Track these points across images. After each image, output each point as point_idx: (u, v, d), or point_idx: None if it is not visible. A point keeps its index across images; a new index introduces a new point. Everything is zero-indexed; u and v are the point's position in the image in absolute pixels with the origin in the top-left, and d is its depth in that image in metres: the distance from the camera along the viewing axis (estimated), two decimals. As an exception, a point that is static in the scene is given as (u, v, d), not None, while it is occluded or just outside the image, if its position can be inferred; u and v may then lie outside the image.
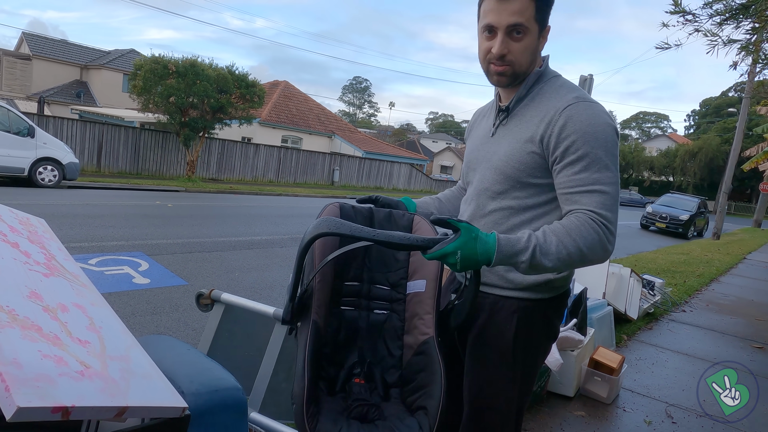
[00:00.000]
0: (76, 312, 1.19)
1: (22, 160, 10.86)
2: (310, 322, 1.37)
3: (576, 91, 1.30)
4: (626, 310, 4.45)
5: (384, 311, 1.57)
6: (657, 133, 66.09)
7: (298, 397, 1.24)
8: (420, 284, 1.52)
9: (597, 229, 1.18)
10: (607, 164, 1.21)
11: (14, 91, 26.61)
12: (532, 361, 1.45)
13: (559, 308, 1.46)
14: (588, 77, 6.08)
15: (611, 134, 1.23)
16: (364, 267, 1.60)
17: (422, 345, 1.43)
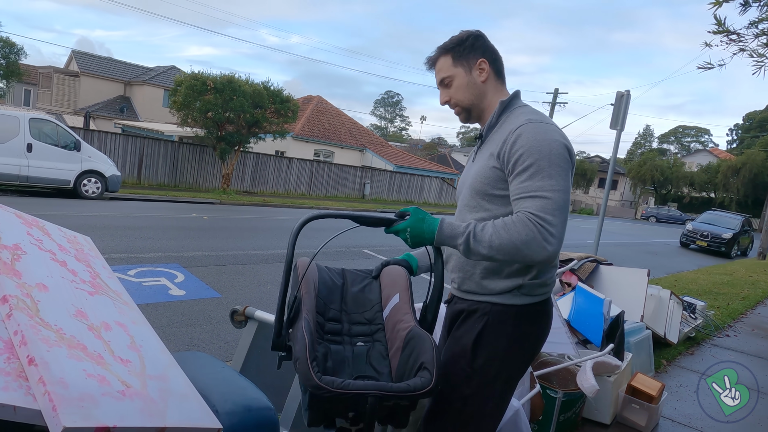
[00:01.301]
0: (118, 330, 1.23)
1: (68, 173, 11.35)
2: (302, 318, 1.47)
3: (532, 115, 1.47)
4: (666, 334, 4.29)
5: (366, 343, 1.73)
6: (697, 147, 63.97)
7: (301, 353, 1.31)
8: (395, 300, 1.75)
9: (532, 228, 1.31)
10: (551, 174, 1.35)
11: (62, 106, 27.93)
12: (495, 365, 1.48)
13: (535, 318, 1.51)
14: (625, 93, 5.96)
15: (557, 148, 1.38)
16: (342, 310, 1.78)
17: (407, 335, 1.61)
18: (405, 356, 1.57)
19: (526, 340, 1.51)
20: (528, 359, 1.55)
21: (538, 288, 1.48)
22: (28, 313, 1.03)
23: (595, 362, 2.69)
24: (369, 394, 1.28)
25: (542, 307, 1.51)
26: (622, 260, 10.89)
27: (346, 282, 1.85)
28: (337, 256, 7.98)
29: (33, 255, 1.26)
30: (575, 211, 41.80)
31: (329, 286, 1.79)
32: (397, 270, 1.83)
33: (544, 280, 1.48)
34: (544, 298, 1.51)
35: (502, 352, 1.47)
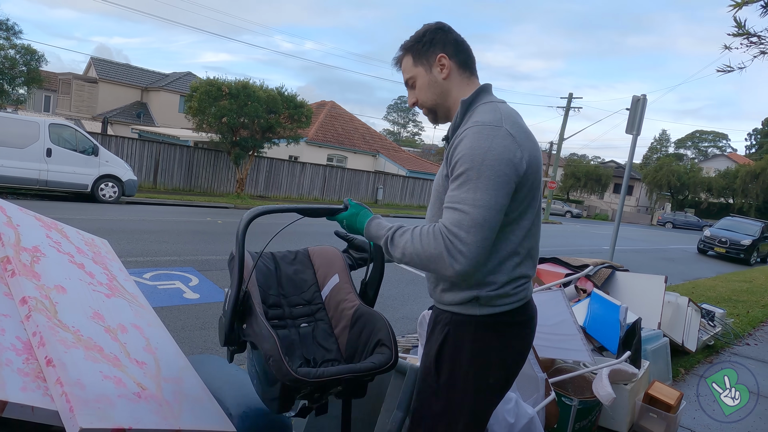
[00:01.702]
0: (134, 333, 1.24)
1: (86, 177, 11.54)
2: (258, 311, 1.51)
3: (485, 115, 1.34)
4: (684, 342, 4.21)
5: (309, 323, 1.81)
6: (715, 152, 62.95)
7: (273, 350, 1.35)
8: (334, 280, 1.84)
9: (440, 242, 1.25)
10: (477, 186, 1.25)
11: (81, 111, 28.44)
12: (459, 379, 1.39)
13: (499, 329, 1.40)
14: (641, 97, 5.90)
15: (492, 159, 1.25)
16: (281, 294, 1.84)
17: (355, 313, 1.70)
18: (355, 333, 1.66)
19: (491, 353, 1.39)
20: (499, 374, 1.42)
21: (499, 299, 1.37)
22: (46, 315, 1.04)
23: (612, 370, 2.65)
24: (344, 377, 1.37)
25: (508, 318, 1.39)
26: (638, 267, 10.74)
27: (279, 265, 1.89)
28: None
29: (52, 257, 1.28)
30: (590, 216, 41.37)
31: (265, 272, 1.83)
32: (331, 251, 1.93)
33: (506, 291, 1.37)
34: (508, 308, 1.39)
35: (465, 366, 1.38)
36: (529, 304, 1.46)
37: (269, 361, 1.33)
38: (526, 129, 1.36)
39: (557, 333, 2.72)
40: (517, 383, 2.38)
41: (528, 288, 1.45)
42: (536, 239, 1.43)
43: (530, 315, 1.47)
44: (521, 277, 1.40)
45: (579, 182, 43.56)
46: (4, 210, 1.32)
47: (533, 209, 1.37)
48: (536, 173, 1.35)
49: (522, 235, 1.36)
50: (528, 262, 1.41)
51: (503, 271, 1.36)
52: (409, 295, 6.42)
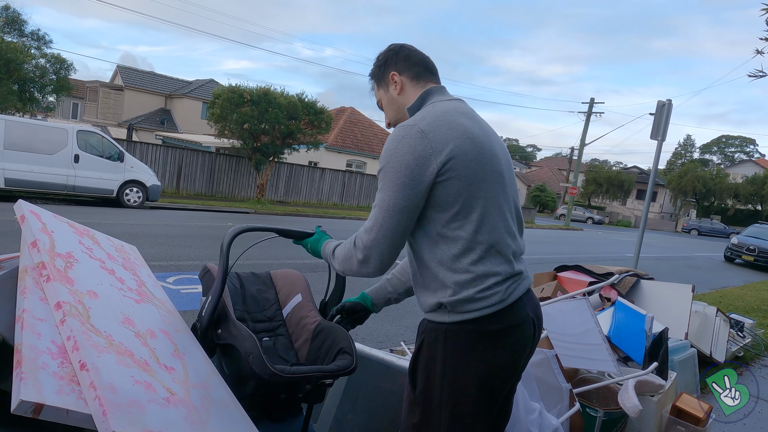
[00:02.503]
0: (163, 338, 1.26)
1: (112, 183, 11.81)
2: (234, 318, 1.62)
3: (409, 119, 1.37)
4: (712, 353, 4.10)
5: (270, 338, 1.96)
6: (742, 158, 61.44)
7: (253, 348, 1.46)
8: (297, 299, 2.04)
9: (350, 245, 1.37)
10: (382, 187, 1.31)
11: (107, 118, 29.16)
12: (434, 390, 1.33)
13: (471, 338, 1.31)
14: (666, 102, 5.79)
15: (394, 160, 1.29)
16: (245, 310, 1.99)
17: (317, 327, 1.88)
18: (316, 345, 1.83)
19: (463, 364, 1.31)
20: (478, 387, 1.32)
21: (464, 304, 1.29)
22: (80, 320, 1.07)
23: (638, 381, 2.60)
24: (313, 375, 1.52)
25: (479, 325, 1.30)
26: (662, 275, 10.52)
27: (243, 284, 2.07)
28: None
29: (84, 263, 1.31)
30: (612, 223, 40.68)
31: (231, 289, 1.99)
32: (293, 273, 2.17)
33: (469, 294, 1.28)
34: (478, 315, 1.29)
35: (438, 376, 1.32)
36: (510, 310, 1.33)
37: (249, 358, 1.42)
38: (452, 121, 1.33)
39: (582, 342, 2.68)
40: (541, 393, 2.35)
41: (504, 291, 1.32)
42: (499, 232, 1.32)
43: (513, 323, 1.34)
44: (486, 276, 1.29)
45: (601, 188, 42.94)
46: (39, 217, 1.36)
47: (482, 200, 1.30)
48: (471, 163, 1.29)
49: (472, 229, 1.29)
50: (493, 258, 1.31)
51: (459, 270, 1.29)
52: (414, 303, 6.39)
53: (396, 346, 4.65)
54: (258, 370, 1.39)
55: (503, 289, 1.31)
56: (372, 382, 2.05)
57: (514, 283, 1.35)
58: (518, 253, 1.41)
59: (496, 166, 1.35)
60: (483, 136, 1.36)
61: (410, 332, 5.11)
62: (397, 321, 5.39)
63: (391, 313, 5.61)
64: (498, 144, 1.42)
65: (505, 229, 1.35)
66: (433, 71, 1.52)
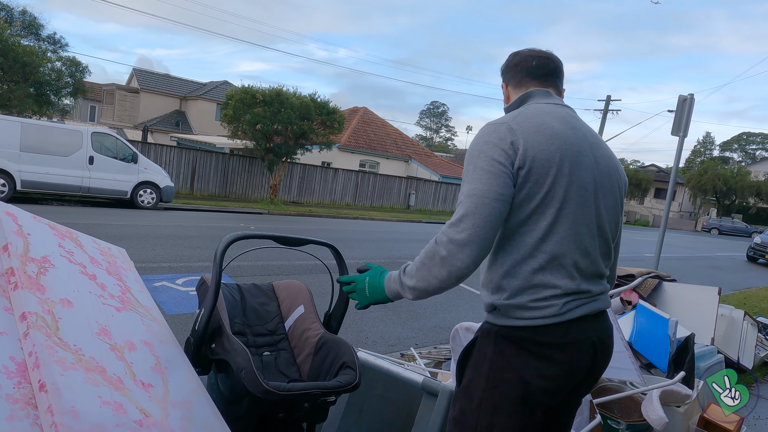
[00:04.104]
0: (143, 350, 1.15)
1: (126, 184, 11.87)
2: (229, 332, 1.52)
3: (493, 120, 1.36)
4: (739, 359, 3.90)
5: (271, 352, 1.85)
6: (764, 155, 60.08)
7: (246, 363, 1.35)
8: (299, 310, 1.93)
9: (429, 246, 1.26)
10: (470, 178, 1.26)
11: (123, 121, 29.49)
12: (477, 391, 1.30)
13: (518, 344, 1.26)
14: (688, 97, 5.58)
15: (480, 148, 1.28)
16: (245, 323, 1.89)
17: (319, 340, 1.76)
18: (319, 359, 1.72)
19: (508, 369, 1.27)
20: (518, 395, 1.26)
21: (515, 310, 1.26)
22: (46, 332, 0.97)
23: (663, 390, 2.44)
24: (311, 392, 1.39)
25: (529, 335, 1.26)
26: (683, 275, 10.23)
27: (244, 296, 1.98)
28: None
29: (61, 268, 1.21)
30: (629, 222, 40.04)
31: (230, 301, 1.89)
32: (296, 284, 2.06)
33: (521, 301, 1.25)
34: (528, 323, 1.25)
35: (483, 377, 1.30)
36: (566, 326, 1.26)
37: (242, 374, 1.32)
38: (542, 123, 1.29)
39: (602, 349, 2.53)
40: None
41: (562, 305, 1.25)
42: (567, 246, 1.26)
43: (567, 340, 1.27)
44: (543, 287, 1.24)
45: (618, 187, 42.18)
46: (16, 218, 1.26)
47: (555, 210, 1.24)
48: (551, 170, 1.24)
49: (538, 237, 1.24)
50: (555, 270, 1.25)
51: (517, 276, 1.26)
52: (441, 304, 6.26)
53: (407, 350, 4.53)
54: (251, 388, 1.29)
55: (560, 304, 1.26)
56: (378, 393, 1.94)
57: (576, 301, 1.28)
58: (589, 272, 1.32)
59: (581, 178, 1.28)
60: (575, 144, 1.30)
61: (422, 335, 4.98)
62: (409, 323, 5.27)
63: (402, 315, 5.49)
64: (601, 157, 1.36)
65: (576, 244, 1.28)
66: (537, 76, 1.46)
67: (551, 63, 1.47)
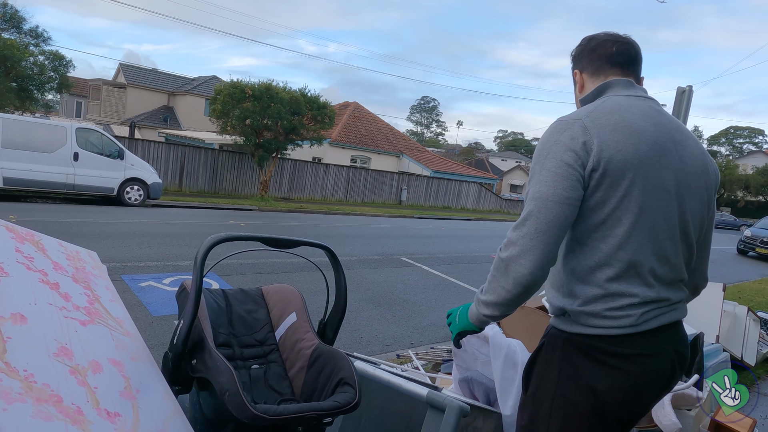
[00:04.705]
0: (111, 371, 1.00)
1: (112, 181, 11.60)
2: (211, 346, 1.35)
3: (578, 111, 1.29)
4: (743, 356, 3.82)
5: (261, 365, 1.67)
6: (751, 149, 60.68)
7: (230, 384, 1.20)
8: (291, 318, 1.76)
9: (496, 259, 1.21)
10: (537, 179, 1.20)
11: (110, 116, 29.00)
12: (546, 400, 1.27)
13: (588, 353, 1.22)
14: (686, 89, 5.48)
15: (548, 146, 1.21)
16: (231, 333, 1.71)
17: (313, 353, 1.59)
18: (313, 374, 1.56)
19: (578, 377, 1.22)
20: (589, 405, 1.21)
21: (587, 317, 1.20)
22: (-11, 356, 0.81)
23: (674, 394, 2.33)
24: (305, 415, 1.25)
25: (602, 344, 1.20)
26: (677, 269, 10.20)
27: (230, 304, 1.80)
28: (374, 263, 7.75)
29: (17, 277, 1.06)
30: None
31: (215, 309, 1.72)
32: (287, 289, 1.89)
33: (595, 309, 1.19)
34: (602, 332, 1.19)
35: (551, 385, 1.26)
36: (643, 337, 1.20)
37: (225, 396, 1.16)
38: (621, 121, 1.20)
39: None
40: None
41: (639, 316, 1.19)
42: (645, 253, 1.19)
43: (643, 352, 1.20)
44: (620, 295, 1.18)
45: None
46: (-35, 219, 1.10)
47: (633, 215, 1.17)
48: (629, 172, 1.16)
49: (614, 245, 1.17)
50: (631, 279, 1.18)
51: (591, 283, 1.20)
52: (437, 300, 6.14)
53: (403, 350, 4.40)
54: (236, 412, 1.14)
55: (637, 314, 1.19)
56: (377, 404, 1.80)
57: (655, 311, 1.21)
58: (668, 279, 1.24)
59: (662, 181, 1.20)
60: (657, 143, 1.21)
61: (417, 333, 4.86)
62: (404, 322, 5.14)
63: (398, 314, 5.36)
64: (687, 156, 1.27)
65: (654, 251, 1.20)
66: (619, 63, 1.36)
67: (632, 49, 1.37)
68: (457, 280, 7.35)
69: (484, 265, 8.92)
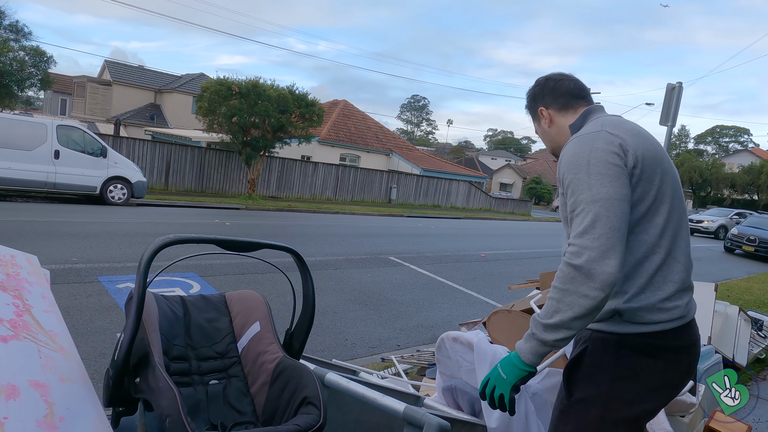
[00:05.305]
0: (30, 396, 0.87)
1: (95, 179, 11.35)
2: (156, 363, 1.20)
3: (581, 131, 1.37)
4: (734, 357, 3.75)
5: (220, 380, 1.53)
6: (736, 147, 61.42)
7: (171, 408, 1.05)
8: (254, 328, 1.61)
9: (564, 265, 1.20)
10: (590, 184, 1.22)
11: (95, 114, 28.52)
12: (596, 403, 1.28)
13: (646, 351, 1.26)
14: (677, 85, 5.41)
15: (596, 156, 1.25)
16: (188, 345, 1.55)
17: (277, 367, 1.45)
18: (275, 391, 1.41)
19: (637, 379, 1.25)
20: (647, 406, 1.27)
21: (644, 313, 1.24)
22: None
23: (667, 400, 2.23)
24: None
25: (660, 341, 1.25)
26: (665, 267, 10.19)
27: (189, 312, 1.65)
28: (361, 263, 7.62)
29: (-75, 286, 0.92)
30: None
31: (170, 318, 1.56)
32: (252, 295, 1.73)
33: (647, 303, 1.24)
34: (659, 328, 1.24)
35: (605, 390, 1.27)
36: (688, 327, 1.30)
37: (166, 422, 1.04)
38: (632, 128, 1.34)
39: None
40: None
41: (685, 306, 1.28)
42: (680, 239, 1.31)
43: (691, 341, 1.32)
44: (665, 283, 1.26)
45: (597, 179, 42.59)
46: None
47: (667, 204, 1.29)
48: (656, 167, 1.29)
49: (656, 234, 1.27)
50: (672, 265, 1.27)
51: (638, 275, 1.26)
52: (425, 300, 6.02)
53: (389, 353, 4.27)
54: None
55: (684, 303, 1.29)
56: (354, 417, 1.68)
57: (693, 301, 1.33)
58: (689, 264, 1.36)
59: (675, 174, 1.37)
60: (658, 145, 1.37)
61: (404, 335, 4.74)
62: (391, 323, 5.02)
63: (384, 314, 5.24)
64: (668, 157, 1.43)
65: (683, 236, 1.34)
66: (581, 96, 1.53)
67: (582, 83, 1.55)
68: (445, 279, 7.24)
69: (473, 264, 8.83)
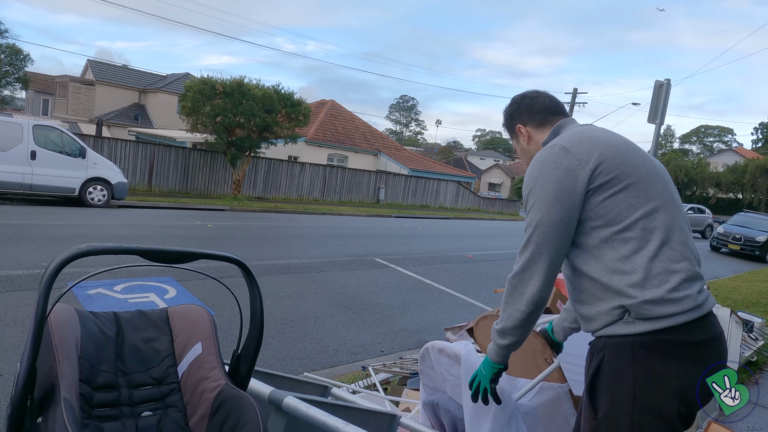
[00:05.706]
0: None
1: (73, 180, 11.04)
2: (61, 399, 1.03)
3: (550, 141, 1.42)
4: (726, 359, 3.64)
5: (155, 411, 1.36)
6: (720, 147, 62.22)
7: None
8: (196, 350, 1.43)
9: (506, 287, 1.32)
10: (532, 207, 1.31)
11: (78, 114, 28.00)
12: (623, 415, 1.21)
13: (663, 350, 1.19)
14: (664, 83, 5.33)
15: (541, 178, 1.29)
16: (118, 370, 1.37)
17: (218, 396, 1.31)
18: (215, 424, 1.25)
19: (658, 382, 1.18)
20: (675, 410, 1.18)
21: (653, 307, 1.17)
22: None
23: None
24: None
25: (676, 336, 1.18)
26: (653, 267, 10.15)
27: (122, 330, 1.43)
28: (346, 265, 7.45)
29: None
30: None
31: (97, 340, 1.35)
32: (197, 311, 1.51)
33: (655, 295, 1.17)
34: (672, 323, 1.17)
35: (627, 399, 1.20)
36: (706, 320, 1.22)
37: None
38: (591, 136, 1.34)
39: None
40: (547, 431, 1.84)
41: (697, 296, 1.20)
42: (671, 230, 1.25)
43: (713, 335, 1.23)
44: (667, 273, 1.20)
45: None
46: None
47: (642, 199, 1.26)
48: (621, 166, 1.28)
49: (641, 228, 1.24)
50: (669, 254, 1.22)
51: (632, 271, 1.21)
52: (411, 303, 5.87)
53: (371, 359, 4.11)
54: None
55: (694, 292, 1.21)
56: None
57: (705, 290, 1.25)
58: (698, 259, 1.31)
59: (650, 167, 1.34)
60: (625, 143, 1.37)
61: (389, 340, 4.59)
62: (374, 328, 4.86)
63: (368, 319, 5.08)
64: (647, 155, 1.41)
65: (677, 226, 1.28)
66: (557, 111, 1.55)
67: (557, 99, 1.58)
68: (432, 281, 7.10)
69: (461, 265, 8.69)
